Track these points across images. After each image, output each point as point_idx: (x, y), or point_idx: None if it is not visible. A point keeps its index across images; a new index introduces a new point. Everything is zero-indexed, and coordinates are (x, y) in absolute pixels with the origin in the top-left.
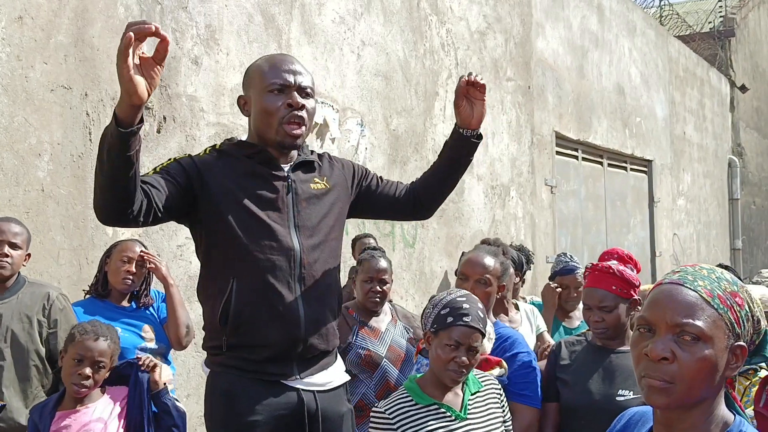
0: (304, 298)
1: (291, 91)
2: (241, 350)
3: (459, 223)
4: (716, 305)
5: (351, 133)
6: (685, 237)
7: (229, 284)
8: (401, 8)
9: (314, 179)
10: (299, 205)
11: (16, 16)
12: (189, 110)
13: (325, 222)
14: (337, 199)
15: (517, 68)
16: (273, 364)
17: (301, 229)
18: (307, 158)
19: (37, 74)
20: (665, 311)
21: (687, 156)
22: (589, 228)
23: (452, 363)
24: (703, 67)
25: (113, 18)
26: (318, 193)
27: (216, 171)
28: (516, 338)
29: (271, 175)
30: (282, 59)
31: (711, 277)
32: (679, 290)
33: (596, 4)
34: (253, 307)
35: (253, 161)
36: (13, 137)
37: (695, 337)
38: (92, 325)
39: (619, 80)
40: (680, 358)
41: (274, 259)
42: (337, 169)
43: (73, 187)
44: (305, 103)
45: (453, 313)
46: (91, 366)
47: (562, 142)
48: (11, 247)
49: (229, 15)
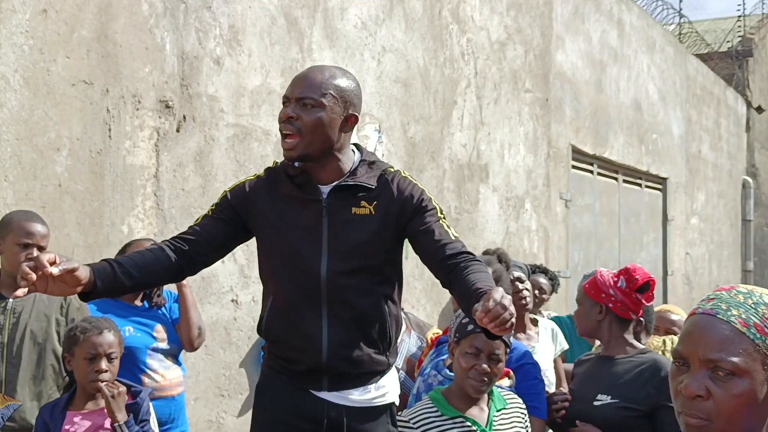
0: (329, 323)
1: (288, 104)
2: (277, 359)
3: (473, 234)
4: (752, 335)
5: (368, 140)
6: (697, 256)
7: (269, 300)
8: (423, 16)
9: (360, 202)
10: (334, 229)
11: (40, 9)
12: (209, 110)
13: (364, 248)
14: (383, 225)
15: (536, 80)
16: (304, 377)
17: (332, 254)
18: (347, 183)
19: (59, 68)
20: (697, 346)
21: (702, 175)
22: (602, 243)
23: (473, 371)
24: (721, 86)
25: (137, 15)
26: (358, 218)
27: (261, 194)
28: (521, 349)
29: (307, 199)
30: (302, 72)
31: (747, 303)
32: (711, 322)
33: (616, 19)
34: (281, 327)
35: (293, 183)
36: (32, 131)
37: (730, 373)
38: (89, 321)
39: (637, 96)
40: (715, 395)
41: (300, 282)
42: (392, 195)
43: (91, 184)
44: (299, 114)
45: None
46: (104, 359)
47: (578, 156)
48: (39, 250)
49: (252, 16)
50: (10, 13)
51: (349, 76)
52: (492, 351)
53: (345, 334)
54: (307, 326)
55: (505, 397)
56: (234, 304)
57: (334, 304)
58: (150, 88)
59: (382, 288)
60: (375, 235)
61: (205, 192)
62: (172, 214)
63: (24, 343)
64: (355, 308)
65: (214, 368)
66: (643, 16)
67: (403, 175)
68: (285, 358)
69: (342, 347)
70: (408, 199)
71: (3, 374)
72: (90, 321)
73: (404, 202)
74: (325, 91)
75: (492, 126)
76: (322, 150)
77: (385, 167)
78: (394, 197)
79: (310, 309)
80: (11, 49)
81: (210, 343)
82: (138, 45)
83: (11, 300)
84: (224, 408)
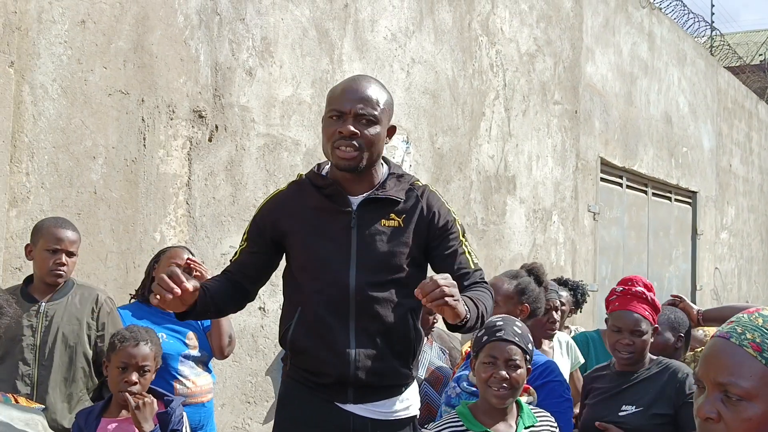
0: (357, 335)
1: (345, 118)
2: (301, 371)
3: (499, 246)
4: (766, 359)
5: (396, 150)
6: (726, 271)
7: (296, 312)
8: (452, 28)
9: (390, 215)
10: (363, 241)
11: (79, 20)
12: (240, 120)
13: (393, 260)
14: (412, 237)
15: (565, 92)
16: (329, 389)
17: (361, 266)
18: (378, 196)
19: (96, 78)
20: (709, 369)
21: (732, 189)
22: (630, 257)
23: (492, 379)
24: (752, 99)
25: (173, 26)
26: (388, 230)
27: (289, 207)
28: (544, 362)
29: (337, 210)
30: (350, 85)
31: (765, 327)
32: (724, 345)
33: (647, 32)
34: (309, 339)
35: (323, 194)
36: (69, 139)
37: (741, 397)
38: (131, 331)
39: (667, 109)
40: (726, 418)
41: (329, 294)
42: (421, 210)
43: (125, 191)
44: (360, 130)
45: (487, 332)
46: (136, 371)
47: (607, 169)
48: (68, 256)
49: (284, 28)
50: (49, 24)
51: (385, 87)
52: (508, 357)
53: (372, 347)
54: (335, 338)
55: (536, 415)
56: (261, 312)
57: (362, 316)
58: (184, 99)
59: (408, 301)
60: (403, 247)
61: (235, 201)
62: (203, 222)
63: (56, 346)
64: (382, 321)
65: (240, 375)
66: (674, 28)
67: (431, 190)
68: (310, 371)
69: (369, 359)
70: (436, 217)
71: (35, 376)
72: (132, 330)
73: (432, 219)
74: (380, 106)
75: (520, 138)
76: (372, 162)
77: (413, 180)
78: (423, 212)
79: (338, 321)
80: (50, 59)
81: (237, 351)
82: (173, 56)
83: (44, 303)
84: (250, 414)
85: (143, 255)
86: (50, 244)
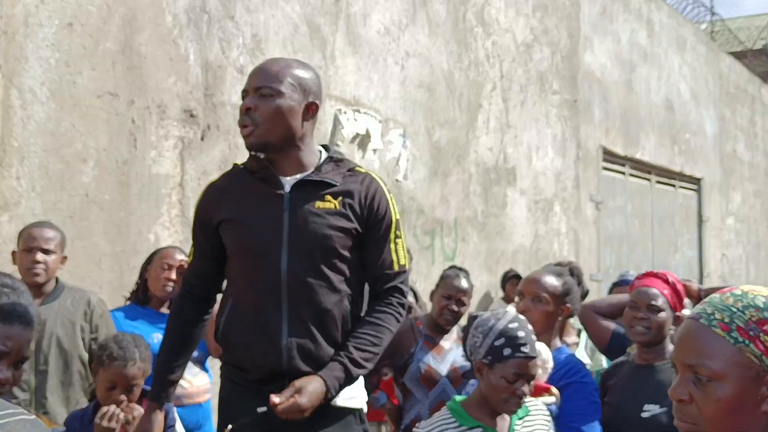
0: (290, 322)
1: (248, 95)
2: (236, 369)
3: (500, 238)
4: (733, 339)
5: (393, 145)
6: (733, 258)
7: (228, 304)
8: (446, 20)
9: (325, 197)
10: (296, 223)
11: (66, 23)
12: (233, 119)
13: (327, 243)
14: (348, 220)
15: (564, 82)
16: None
17: (294, 249)
18: (311, 179)
19: (84, 80)
20: (680, 351)
21: (737, 174)
22: (635, 246)
23: (513, 396)
24: (755, 84)
25: (161, 26)
26: (322, 212)
27: (224, 196)
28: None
29: (270, 192)
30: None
31: (735, 306)
32: (694, 327)
33: (646, 18)
34: (240, 330)
35: (257, 178)
36: (59, 142)
37: (710, 378)
38: (120, 347)
39: (668, 95)
40: (697, 399)
41: (261, 280)
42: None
43: (117, 193)
44: (257, 104)
45: (510, 344)
46: (124, 390)
47: (609, 158)
48: (44, 253)
49: (275, 25)
50: (36, 27)
51: (307, 66)
52: (532, 375)
53: (306, 334)
54: (266, 326)
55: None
56: None
57: (295, 303)
58: (174, 98)
59: (345, 287)
60: (339, 231)
61: None
62: None
63: (51, 351)
64: (317, 306)
65: None
66: (673, 14)
67: (374, 177)
68: (242, 367)
69: (302, 347)
70: (375, 203)
71: (33, 382)
72: (121, 345)
73: (370, 205)
74: (282, 79)
75: (519, 129)
76: (284, 138)
77: (353, 165)
78: (361, 196)
79: (270, 308)
80: (38, 62)
81: None
82: (162, 56)
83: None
84: None
85: (138, 257)
86: (25, 244)
